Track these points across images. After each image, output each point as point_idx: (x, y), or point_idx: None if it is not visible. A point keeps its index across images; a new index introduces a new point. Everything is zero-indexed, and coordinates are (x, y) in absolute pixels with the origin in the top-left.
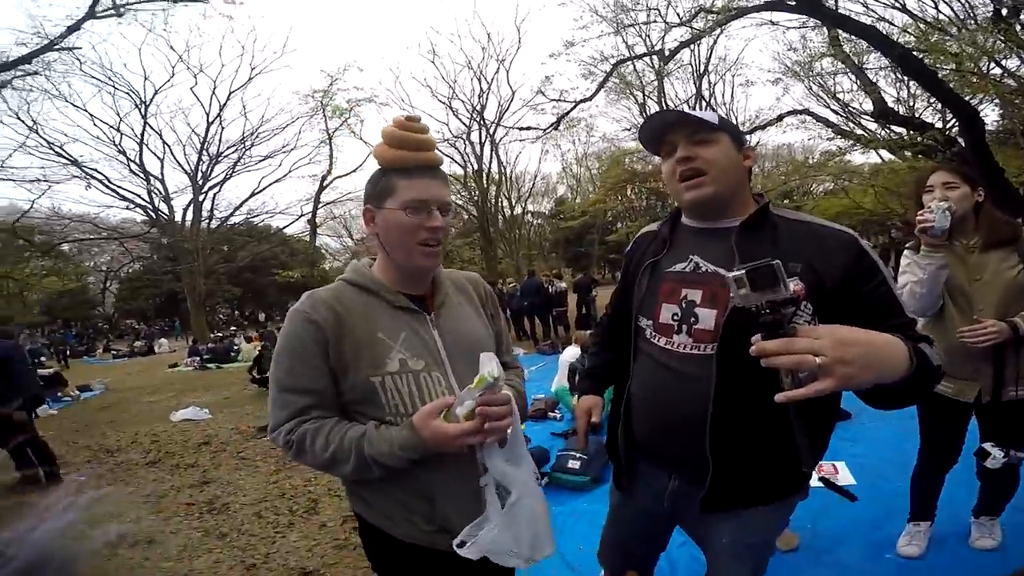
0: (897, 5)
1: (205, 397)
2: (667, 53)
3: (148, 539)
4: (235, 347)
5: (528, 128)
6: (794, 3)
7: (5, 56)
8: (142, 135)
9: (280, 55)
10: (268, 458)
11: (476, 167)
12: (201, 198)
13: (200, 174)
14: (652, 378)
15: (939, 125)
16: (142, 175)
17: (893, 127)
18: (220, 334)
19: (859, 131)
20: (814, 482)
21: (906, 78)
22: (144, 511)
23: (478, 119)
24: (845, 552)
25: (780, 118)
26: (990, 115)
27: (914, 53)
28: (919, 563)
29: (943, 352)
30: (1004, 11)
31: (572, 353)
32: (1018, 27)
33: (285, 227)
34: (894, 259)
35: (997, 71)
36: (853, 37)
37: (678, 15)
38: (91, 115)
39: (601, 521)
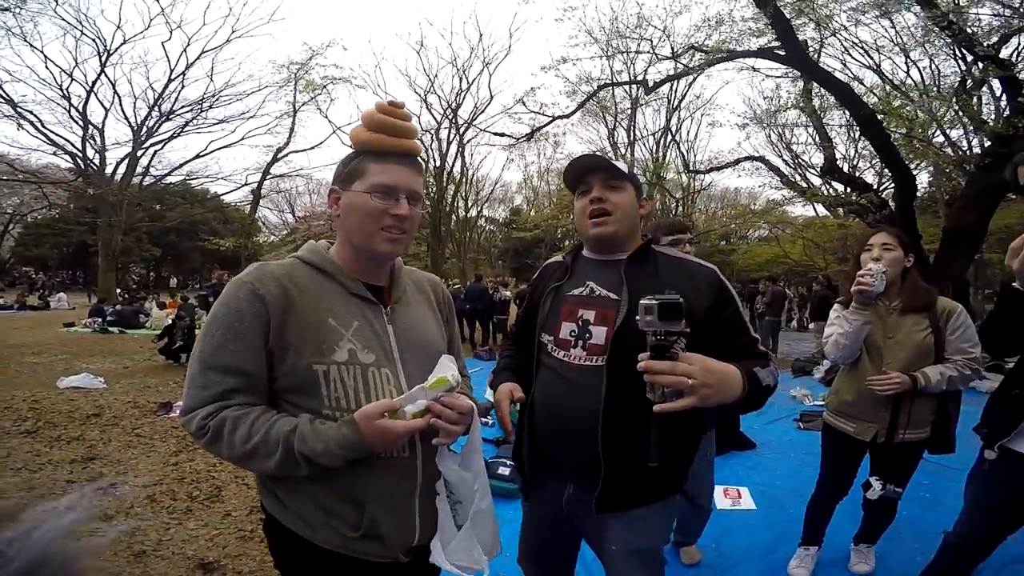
0: (872, 66)
1: (102, 364)
2: (651, 84)
3: (11, 517)
4: (145, 311)
5: (502, 135)
6: (784, 54)
7: None
8: (94, 83)
9: (266, 22)
10: (168, 437)
11: (439, 164)
12: (140, 153)
13: (145, 129)
14: (552, 388)
15: (875, 186)
16: (81, 123)
17: (834, 184)
18: (129, 295)
19: (804, 184)
20: (721, 503)
21: (859, 139)
22: (10, 485)
23: (451, 116)
24: (743, 571)
25: (738, 161)
26: (920, 182)
27: (876, 115)
28: None
29: (853, 396)
30: (969, 82)
31: None
32: (974, 99)
33: (225, 194)
34: (810, 308)
35: (940, 139)
36: (824, 92)
37: (672, 47)
38: (45, 56)
39: None
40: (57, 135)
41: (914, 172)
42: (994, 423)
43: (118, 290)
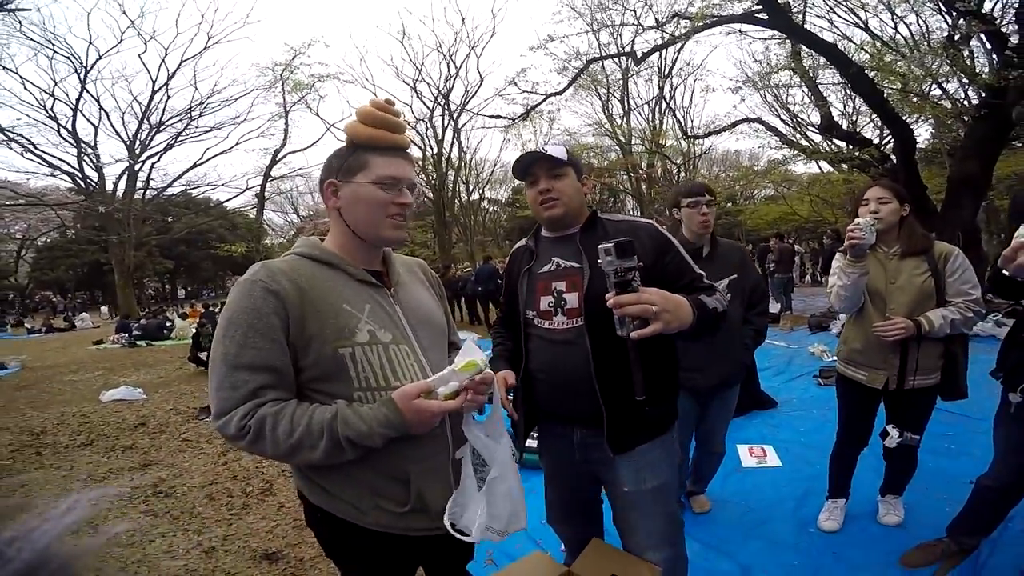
0: (860, 24)
1: (137, 376)
2: (639, 55)
3: (90, 523)
4: (168, 323)
5: (497, 116)
6: (767, 18)
7: None
8: (77, 101)
9: (241, 25)
10: (213, 440)
11: (436, 151)
12: (137, 167)
13: (139, 143)
14: (544, 354)
15: (876, 141)
16: (73, 142)
17: (836, 140)
18: (151, 309)
19: (804, 142)
20: (747, 462)
21: (854, 95)
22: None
23: (442, 103)
24: (774, 527)
25: (734, 124)
26: (923, 135)
27: (866, 72)
28: (837, 537)
29: (861, 344)
30: (956, 36)
31: None
32: (965, 52)
33: (227, 200)
34: (822, 262)
35: (937, 92)
36: (814, 53)
37: (656, 18)
38: (22, 78)
39: None
40: (52, 156)
41: (913, 126)
42: (1010, 366)
43: (138, 306)
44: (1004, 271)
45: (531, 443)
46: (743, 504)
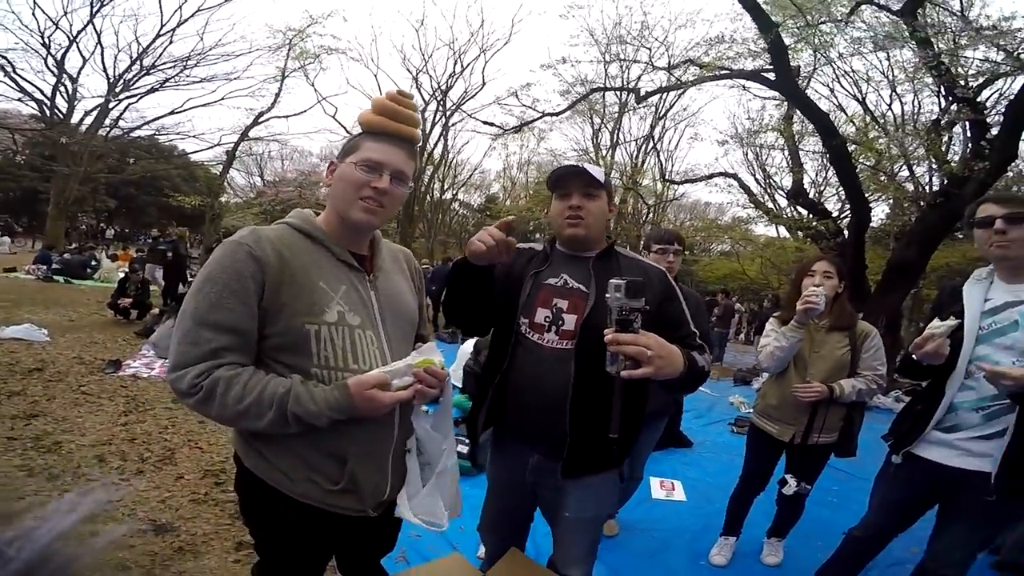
0: (857, 97)
1: (45, 315)
2: (643, 93)
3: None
4: (94, 262)
5: (490, 124)
6: (774, 79)
7: None
8: (78, 33)
9: None
10: (116, 397)
11: (420, 143)
12: (112, 105)
13: (122, 81)
14: (526, 366)
15: (835, 214)
16: (56, 72)
17: (799, 208)
18: (79, 244)
19: (771, 204)
20: (656, 493)
21: (828, 166)
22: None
23: (439, 98)
24: (671, 556)
25: (711, 176)
26: (878, 214)
27: (848, 144)
28: (724, 571)
29: (777, 400)
30: (943, 120)
31: (470, 347)
32: (945, 137)
33: (195, 152)
34: (757, 324)
35: (905, 173)
36: (805, 119)
37: (668, 58)
38: (35, 3)
39: (478, 504)
40: (28, 82)
41: (873, 205)
42: (900, 433)
43: (68, 241)
44: (913, 356)
45: (460, 448)
46: (647, 532)
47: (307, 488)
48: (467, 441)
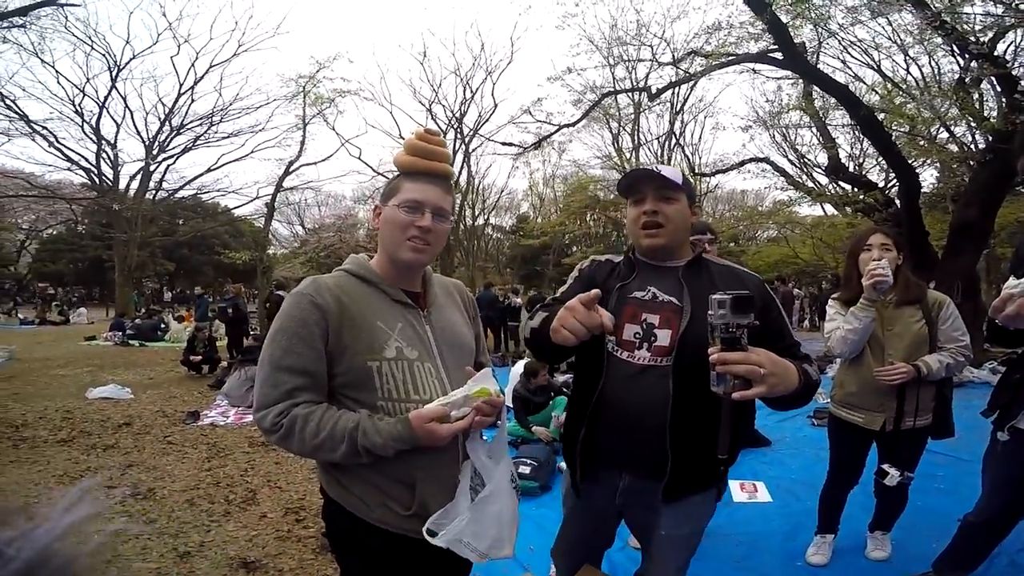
0: (872, 65)
1: (126, 375)
2: (654, 91)
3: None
4: (163, 325)
5: (509, 144)
6: (782, 58)
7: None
8: (105, 98)
9: (272, 35)
10: (199, 445)
11: None
12: (152, 168)
13: (157, 144)
14: (618, 386)
15: (881, 185)
16: (95, 138)
17: (841, 183)
18: (147, 309)
19: (810, 184)
20: (738, 497)
21: (863, 137)
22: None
23: (456, 126)
24: (763, 559)
25: (742, 163)
26: (927, 180)
27: (876, 114)
28: (825, 571)
29: (857, 387)
30: (967, 79)
31: (521, 368)
32: (975, 95)
33: (237, 207)
34: (818, 308)
35: (944, 135)
36: (826, 94)
37: (672, 53)
38: (57, 72)
39: (547, 524)
40: (71, 151)
41: (919, 170)
42: (1001, 407)
43: (138, 308)
44: (996, 320)
45: (524, 469)
46: (731, 537)
47: (383, 514)
48: (530, 461)
